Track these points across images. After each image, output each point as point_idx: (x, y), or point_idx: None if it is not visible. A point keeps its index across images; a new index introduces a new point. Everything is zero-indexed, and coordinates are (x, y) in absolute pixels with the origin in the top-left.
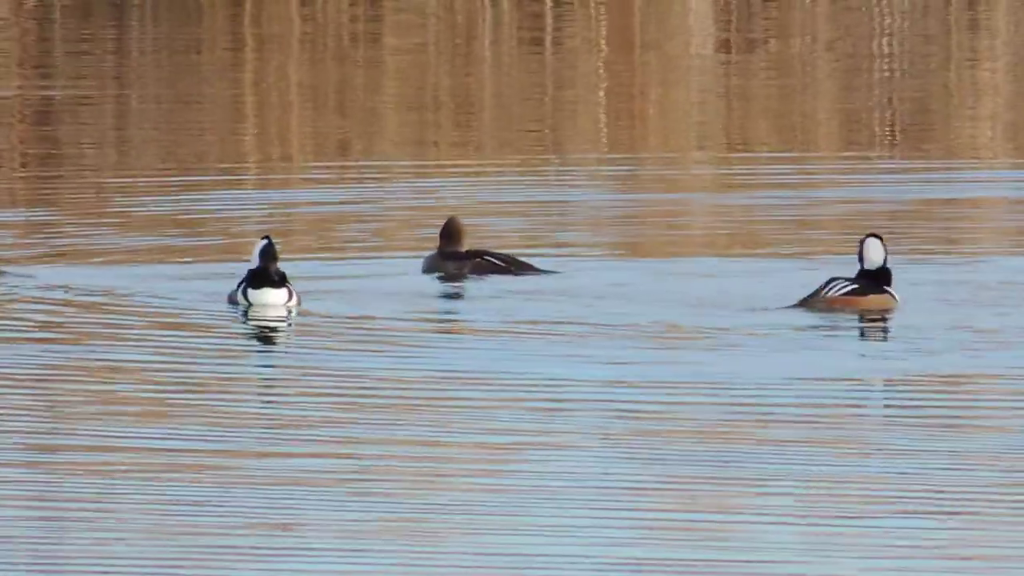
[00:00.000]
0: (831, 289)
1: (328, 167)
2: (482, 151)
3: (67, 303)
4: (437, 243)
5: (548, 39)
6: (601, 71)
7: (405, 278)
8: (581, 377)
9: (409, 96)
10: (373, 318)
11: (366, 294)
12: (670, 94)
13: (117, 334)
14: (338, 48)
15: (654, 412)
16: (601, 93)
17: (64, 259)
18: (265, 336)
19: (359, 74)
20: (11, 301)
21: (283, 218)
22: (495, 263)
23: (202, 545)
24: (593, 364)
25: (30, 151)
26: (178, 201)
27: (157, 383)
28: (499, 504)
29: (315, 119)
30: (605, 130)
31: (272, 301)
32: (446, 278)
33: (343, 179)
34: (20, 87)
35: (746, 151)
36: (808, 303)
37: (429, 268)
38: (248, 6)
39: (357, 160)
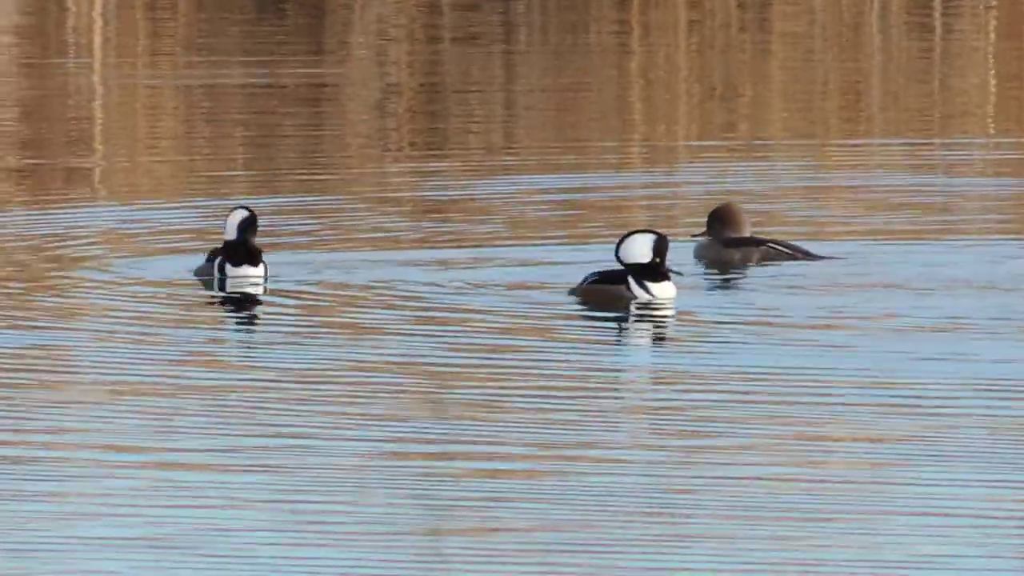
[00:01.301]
0: None
1: (713, 150)
2: (869, 135)
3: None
4: (705, 229)
5: (937, 25)
6: (990, 57)
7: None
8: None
9: (796, 82)
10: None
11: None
12: None
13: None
14: (725, 35)
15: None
16: (991, 79)
17: (450, 243)
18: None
19: (746, 60)
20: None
21: (665, 201)
22: (783, 250)
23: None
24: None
25: (416, 138)
26: (565, 182)
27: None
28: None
29: (701, 104)
30: (992, 116)
31: (666, 295)
32: (731, 266)
33: (727, 163)
34: (411, 75)
35: None
36: None
37: (705, 256)
38: None
39: (743, 143)
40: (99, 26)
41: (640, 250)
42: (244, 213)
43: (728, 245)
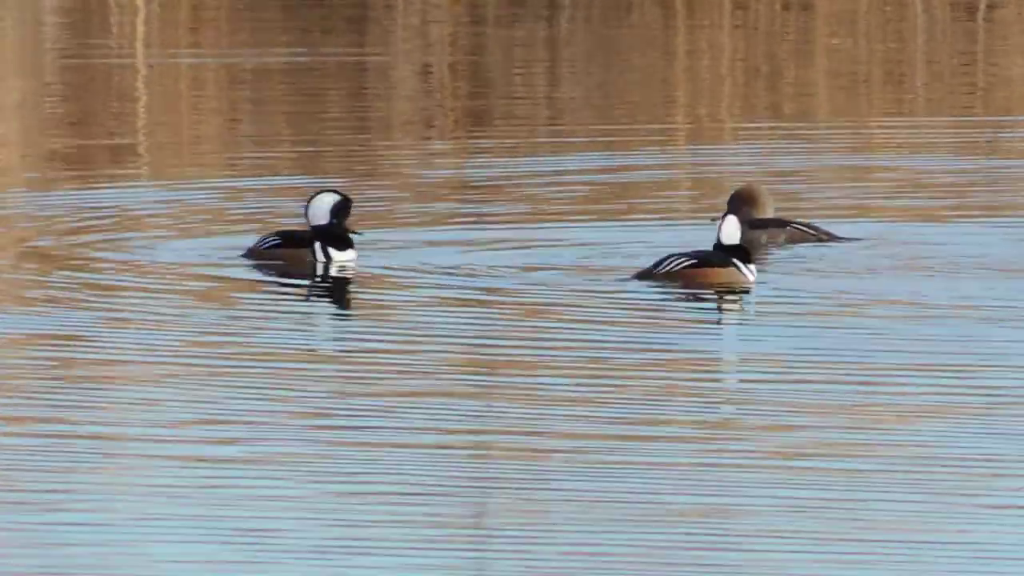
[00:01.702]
0: None
1: (757, 130)
2: (913, 114)
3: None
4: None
5: (981, 6)
6: None
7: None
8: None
9: (839, 63)
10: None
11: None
12: None
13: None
14: (769, 14)
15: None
16: None
17: (495, 223)
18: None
19: (790, 40)
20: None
21: (711, 178)
22: (808, 232)
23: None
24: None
25: (460, 118)
26: (605, 160)
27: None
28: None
29: (745, 84)
30: None
31: (743, 279)
32: (758, 247)
33: (770, 142)
34: (453, 55)
35: None
36: None
37: None
38: None
39: (786, 123)
40: (142, 6)
41: (736, 231)
42: (336, 197)
43: (753, 226)
